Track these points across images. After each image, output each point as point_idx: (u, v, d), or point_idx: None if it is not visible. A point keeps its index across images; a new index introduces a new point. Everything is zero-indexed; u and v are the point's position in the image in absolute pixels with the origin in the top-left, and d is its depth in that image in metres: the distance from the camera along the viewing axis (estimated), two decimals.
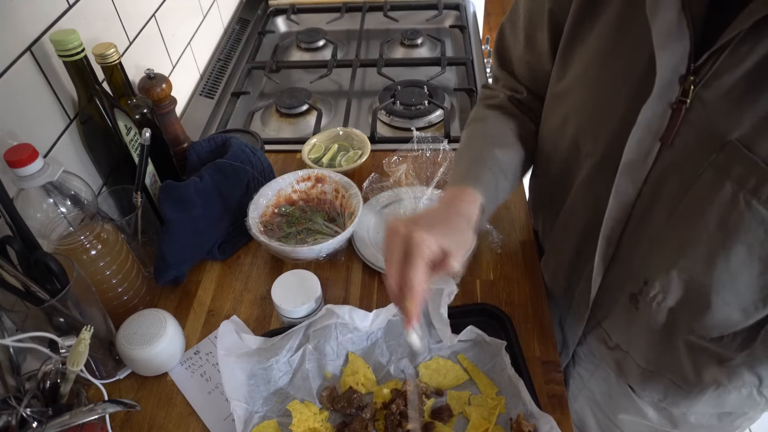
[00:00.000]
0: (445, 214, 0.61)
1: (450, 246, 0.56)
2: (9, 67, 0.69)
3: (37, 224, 0.65)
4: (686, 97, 0.51)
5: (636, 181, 0.58)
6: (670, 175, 0.55)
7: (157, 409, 0.72)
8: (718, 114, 0.50)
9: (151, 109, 0.85)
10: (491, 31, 3.59)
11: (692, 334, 0.63)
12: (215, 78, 1.31)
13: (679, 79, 0.51)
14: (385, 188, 0.98)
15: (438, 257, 0.56)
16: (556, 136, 0.68)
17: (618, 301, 0.68)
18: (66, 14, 0.80)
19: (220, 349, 0.68)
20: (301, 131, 1.20)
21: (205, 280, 0.87)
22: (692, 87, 0.50)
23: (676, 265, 0.58)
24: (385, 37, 1.48)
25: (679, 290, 0.60)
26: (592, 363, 0.81)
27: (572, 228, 0.71)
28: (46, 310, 0.62)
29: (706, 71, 0.49)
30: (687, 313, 0.61)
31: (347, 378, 0.71)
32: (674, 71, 0.51)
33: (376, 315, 0.74)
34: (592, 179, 0.64)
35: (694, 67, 0.50)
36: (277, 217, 0.92)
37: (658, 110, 0.53)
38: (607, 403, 0.82)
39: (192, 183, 0.85)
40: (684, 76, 0.51)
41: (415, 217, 0.60)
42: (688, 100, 0.51)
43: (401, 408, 0.66)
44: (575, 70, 0.62)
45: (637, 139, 0.55)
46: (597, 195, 0.63)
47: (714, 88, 0.50)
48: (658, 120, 0.53)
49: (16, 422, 0.57)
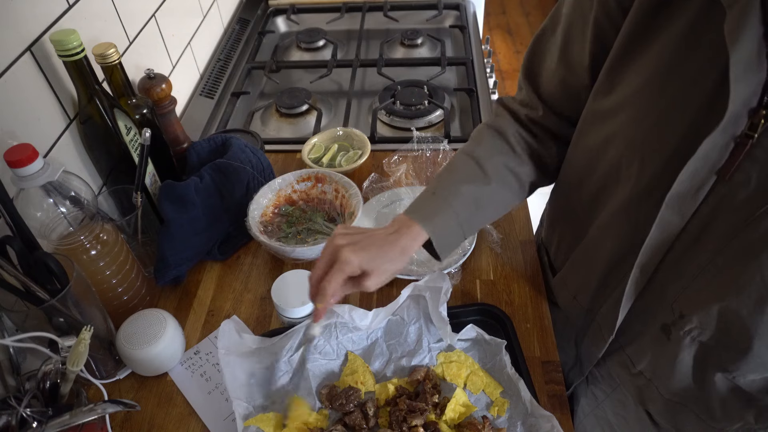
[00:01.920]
0: (382, 240, 0.65)
1: (372, 269, 0.63)
2: (9, 67, 0.69)
3: (37, 224, 0.65)
4: (754, 132, 0.47)
5: (684, 213, 0.54)
6: (723, 212, 0.52)
7: (157, 409, 0.72)
8: None
9: (151, 109, 0.85)
10: (491, 31, 3.59)
11: (725, 372, 0.61)
12: (215, 78, 1.31)
13: (748, 112, 0.47)
14: (385, 188, 0.98)
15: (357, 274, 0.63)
16: (593, 156, 0.65)
17: (648, 329, 0.65)
18: (66, 14, 0.80)
19: (220, 348, 0.68)
20: (301, 131, 1.20)
21: (205, 280, 0.87)
22: (762, 121, 0.47)
23: (719, 303, 0.55)
24: (385, 37, 1.48)
25: (719, 328, 0.57)
26: (610, 385, 0.78)
27: (601, 252, 0.67)
28: (46, 310, 0.62)
29: None
30: (723, 351, 0.59)
31: (346, 377, 0.71)
32: (745, 103, 0.47)
33: (376, 314, 0.74)
34: (631, 205, 0.60)
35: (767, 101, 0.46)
36: (277, 217, 0.92)
37: (721, 143, 0.49)
38: (621, 427, 0.80)
39: (192, 183, 0.85)
40: (755, 109, 0.47)
41: (357, 233, 0.65)
42: (756, 135, 0.47)
43: (406, 403, 0.66)
44: (627, 87, 0.57)
45: (692, 170, 0.51)
46: (635, 222, 0.60)
47: None
48: (719, 152, 0.49)
49: (16, 422, 0.57)
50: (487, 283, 0.84)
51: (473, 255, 0.88)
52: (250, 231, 0.84)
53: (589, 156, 0.66)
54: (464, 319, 0.76)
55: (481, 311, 0.78)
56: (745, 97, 0.46)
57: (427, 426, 0.65)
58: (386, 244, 0.65)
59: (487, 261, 0.87)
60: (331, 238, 0.65)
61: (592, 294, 0.72)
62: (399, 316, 0.76)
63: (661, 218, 0.56)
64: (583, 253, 0.72)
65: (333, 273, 0.62)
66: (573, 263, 0.76)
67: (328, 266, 0.63)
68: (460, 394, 0.68)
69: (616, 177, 0.62)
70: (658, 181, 0.55)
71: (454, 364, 0.71)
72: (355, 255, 0.62)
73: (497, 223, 0.92)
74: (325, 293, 0.62)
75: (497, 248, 0.88)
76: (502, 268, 0.86)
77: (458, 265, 0.84)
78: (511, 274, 0.85)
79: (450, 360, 0.72)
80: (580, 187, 0.70)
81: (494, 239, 0.88)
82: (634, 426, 0.77)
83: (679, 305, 0.60)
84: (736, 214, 0.51)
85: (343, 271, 0.61)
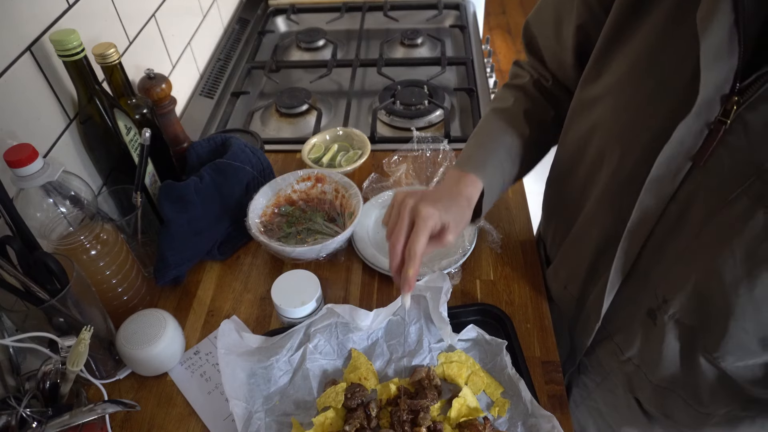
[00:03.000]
0: (448, 192, 0.66)
1: (449, 221, 0.63)
2: (9, 67, 0.69)
3: (37, 224, 0.65)
4: (727, 118, 0.48)
5: (661, 198, 0.56)
6: (698, 197, 0.53)
7: (157, 409, 0.72)
8: (759, 139, 0.47)
9: (151, 109, 0.85)
10: (491, 31, 3.58)
11: (709, 355, 0.61)
12: (215, 78, 1.31)
13: (721, 98, 0.48)
14: (385, 188, 0.98)
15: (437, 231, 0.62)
16: (581, 144, 0.67)
17: (634, 316, 0.66)
18: (66, 14, 0.80)
19: (220, 348, 0.68)
20: (301, 131, 1.20)
21: (205, 280, 0.87)
22: (735, 108, 0.47)
23: (696, 287, 0.57)
24: (385, 36, 1.48)
25: (698, 311, 0.58)
26: (600, 374, 0.79)
27: (588, 240, 0.69)
28: (46, 310, 0.62)
29: (752, 93, 0.46)
30: (705, 334, 0.60)
31: (349, 374, 0.71)
32: (718, 89, 0.48)
33: (377, 314, 0.74)
34: (615, 192, 0.62)
35: (739, 87, 0.47)
36: (277, 217, 0.92)
37: (695, 128, 0.50)
38: (612, 415, 0.81)
39: (192, 183, 0.85)
40: (727, 95, 0.48)
41: (420, 192, 0.65)
42: (728, 120, 0.48)
43: (407, 403, 0.66)
44: (611, 76, 0.60)
45: (668, 155, 0.53)
46: (618, 209, 0.61)
47: (760, 111, 0.47)
48: (693, 138, 0.51)
49: (16, 422, 0.57)
50: (487, 283, 0.84)
51: (473, 255, 0.88)
52: (250, 231, 0.84)
53: (577, 145, 0.68)
54: (464, 319, 0.76)
55: (481, 311, 0.78)
56: (717, 83, 0.47)
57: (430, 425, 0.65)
58: (455, 195, 0.66)
59: (487, 261, 0.87)
60: (399, 202, 0.64)
61: (581, 283, 0.73)
62: (399, 317, 0.76)
63: (641, 202, 0.57)
64: (572, 242, 0.74)
65: (417, 232, 0.60)
66: (564, 253, 0.77)
67: (408, 228, 0.61)
68: (468, 395, 0.68)
69: (600, 165, 0.63)
70: (638, 168, 0.57)
71: (454, 364, 0.71)
72: (434, 208, 0.61)
73: (497, 223, 0.92)
74: (415, 255, 0.60)
75: (497, 248, 0.88)
76: (502, 268, 0.86)
77: (458, 265, 0.84)
78: (511, 274, 0.85)
79: (451, 360, 0.72)
80: (569, 177, 0.72)
81: (494, 239, 0.88)
82: (624, 414, 0.78)
83: (662, 290, 0.61)
84: (711, 199, 0.52)
85: (427, 226, 0.60)
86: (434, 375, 0.70)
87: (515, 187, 0.99)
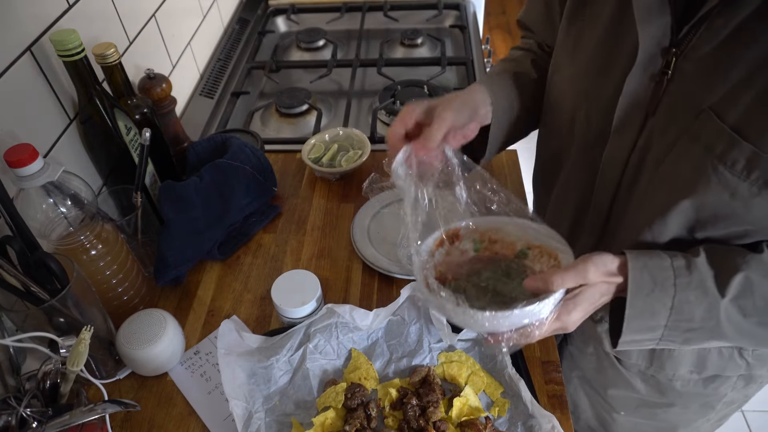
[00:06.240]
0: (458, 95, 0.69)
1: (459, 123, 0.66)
2: (9, 67, 0.69)
3: (37, 224, 0.65)
4: (669, 69, 0.54)
5: (623, 149, 0.61)
6: (653, 144, 0.58)
7: (157, 409, 0.72)
8: (695, 84, 0.53)
9: (151, 109, 0.85)
10: (491, 31, 3.58)
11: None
12: (215, 78, 1.31)
13: (661, 52, 0.55)
14: (385, 188, 0.97)
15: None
16: (555, 110, 0.72)
17: None
18: (66, 14, 0.80)
19: (220, 348, 0.68)
20: (301, 131, 1.20)
21: (205, 280, 0.87)
22: (674, 59, 0.54)
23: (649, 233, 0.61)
24: (385, 36, 1.48)
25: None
26: (582, 341, 0.84)
27: (567, 205, 0.74)
28: (46, 310, 0.62)
29: (686, 44, 0.53)
30: None
31: (349, 374, 0.71)
32: (657, 44, 0.54)
33: (377, 314, 0.74)
34: (586, 154, 0.67)
35: (675, 40, 0.53)
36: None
37: (643, 81, 0.57)
38: (598, 380, 0.85)
39: (192, 183, 0.85)
40: (666, 48, 0.54)
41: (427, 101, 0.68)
42: (669, 71, 0.55)
43: (414, 401, 0.66)
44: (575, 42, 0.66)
45: (624, 108, 0.59)
46: (590, 169, 0.66)
47: (692, 60, 0.53)
48: (643, 90, 0.57)
49: (16, 422, 0.57)
50: None
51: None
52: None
53: (554, 111, 0.73)
54: None
55: None
56: (656, 37, 0.54)
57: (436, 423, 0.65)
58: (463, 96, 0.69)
59: None
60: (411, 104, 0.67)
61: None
62: (399, 317, 0.76)
63: (606, 156, 0.63)
64: (553, 211, 0.79)
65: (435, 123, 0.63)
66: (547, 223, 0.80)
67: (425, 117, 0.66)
68: (470, 394, 0.68)
69: (572, 129, 0.69)
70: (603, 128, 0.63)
71: (455, 364, 0.71)
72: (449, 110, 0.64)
73: None
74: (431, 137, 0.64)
75: None
76: None
77: None
78: None
79: (451, 360, 0.72)
80: (548, 145, 0.76)
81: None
82: (610, 375, 0.83)
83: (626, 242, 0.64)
84: (662, 145, 0.57)
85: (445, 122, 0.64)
86: (434, 375, 0.70)
87: (513, 188, 0.99)
